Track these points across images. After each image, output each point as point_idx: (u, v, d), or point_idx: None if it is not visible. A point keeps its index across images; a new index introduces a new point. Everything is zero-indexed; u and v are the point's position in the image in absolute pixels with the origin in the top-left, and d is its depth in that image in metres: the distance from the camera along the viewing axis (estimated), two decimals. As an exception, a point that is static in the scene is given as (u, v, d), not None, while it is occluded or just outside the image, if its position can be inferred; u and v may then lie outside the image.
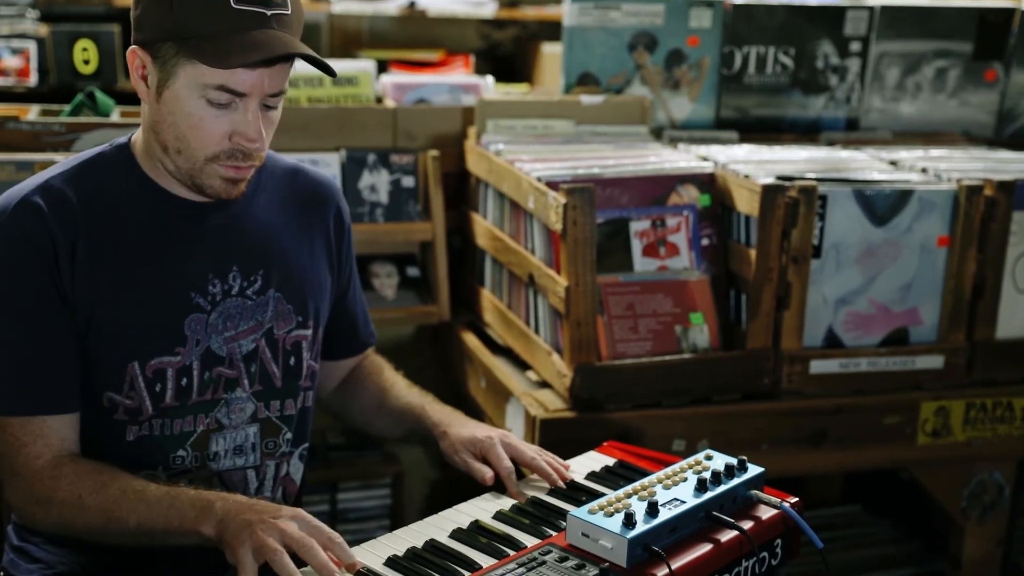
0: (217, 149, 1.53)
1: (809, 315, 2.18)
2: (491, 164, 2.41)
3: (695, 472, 1.60)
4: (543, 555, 1.45)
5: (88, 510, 1.50)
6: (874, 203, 2.20)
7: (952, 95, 2.90)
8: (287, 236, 1.73)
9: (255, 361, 1.69)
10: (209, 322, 1.64)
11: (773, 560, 1.60)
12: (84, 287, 1.56)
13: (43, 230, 1.53)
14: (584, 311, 2.04)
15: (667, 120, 2.74)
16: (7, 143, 2.38)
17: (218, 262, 1.65)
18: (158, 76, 1.52)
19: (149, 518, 1.46)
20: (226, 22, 1.47)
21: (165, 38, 1.49)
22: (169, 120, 1.53)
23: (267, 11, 1.49)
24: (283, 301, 1.71)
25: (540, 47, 4.51)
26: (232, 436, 1.69)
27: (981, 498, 2.37)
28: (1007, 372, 2.33)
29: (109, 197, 1.60)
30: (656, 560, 1.42)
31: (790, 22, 2.75)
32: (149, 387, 1.60)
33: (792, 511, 1.58)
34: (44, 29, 4.07)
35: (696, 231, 2.22)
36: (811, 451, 2.20)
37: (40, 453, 1.54)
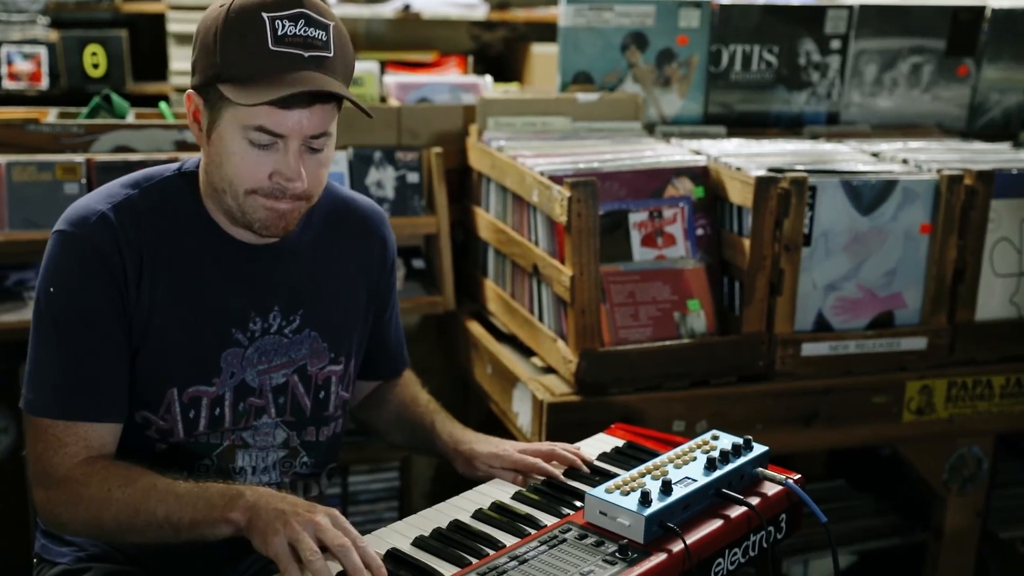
0: (257, 185, 1.51)
1: (800, 300, 2.19)
2: (494, 160, 2.41)
3: (703, 452, 1.60)
4: (563, 533, 1.46)
5: (116, 503, 1.46)
6: (860, 193, 2.20)
7: (926, 90, 2.91)
8: (330, 276, 1.70)
9: (284, 393, 1.66)
10: (245, 356, 1.62)
11: (778, 534, 1.61)
12: (142, 306, 1.55)
13: (115, 247, 1.53)
14: (588, 299, 2.04)
15: (658, 116, 2.74)
16: (28, 144, 2.36)
17: (261, 301, 1.63)
18: (208, 118, 1.51)
19: (177, 509, 1.43)
20: (264, 64, 1.45)
21: (213, 81, 1.48)
22: (216, 161, 1.52)
23: (304, 53, 1.46)
24: (319, 340, 1.68)
25: (530, 47, 4.50)
26: (260, 455, 1.67)
27: (961, 471, 2.39)
28: (986, 352, 2.34)
29: (171, 225, 1.58)
30: (671, 536, 1.43)
31: (774, 21, 2.76)
32: (183, 413, 1.59)
33: (796, 487, 1.59)
34: (54, 35, 4.05)
35: (691, 222, 2.22)
36: (803, 430, 2.21)
37: (77, 454, 1.52)
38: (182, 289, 1.57)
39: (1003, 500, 2.81)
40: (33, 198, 2.32)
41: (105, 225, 1.53)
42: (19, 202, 2.32)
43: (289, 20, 1.45)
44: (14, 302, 2.35)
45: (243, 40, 1.45)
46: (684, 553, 1.41)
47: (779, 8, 2.77)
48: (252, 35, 1.44)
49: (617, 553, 1.40)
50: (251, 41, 1.45)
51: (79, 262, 1.52)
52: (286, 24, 1.45)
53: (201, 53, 1.49)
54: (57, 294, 1.53)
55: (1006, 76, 2.95)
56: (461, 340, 2.57)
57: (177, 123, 2.51)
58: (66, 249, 1.53)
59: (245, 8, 1.45)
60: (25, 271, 2.39)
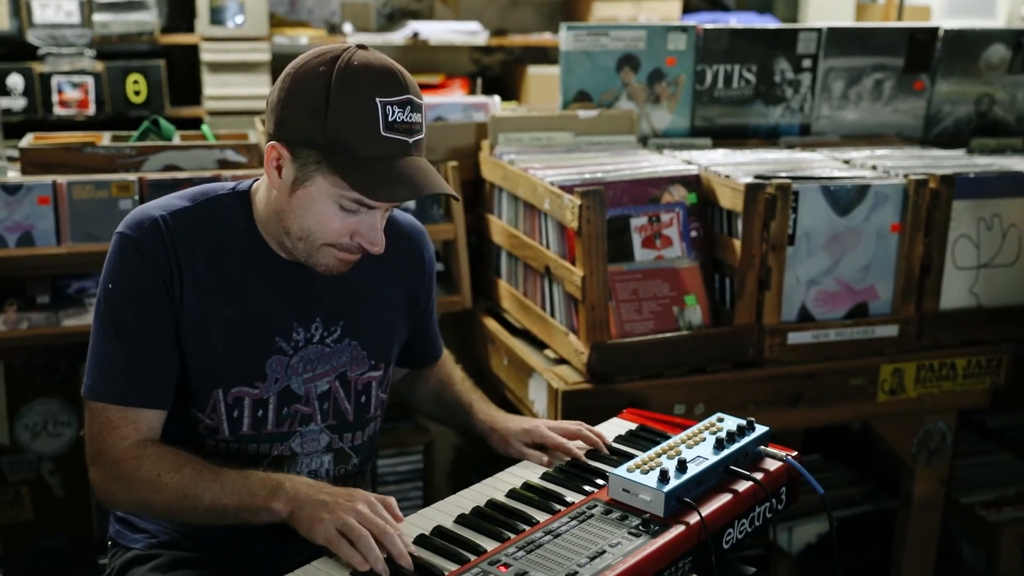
0: (337, 241, 1.48)
1: (785, 294, 2.18)
2: (506, 172, 2.40)
3: (712, 433, 1.60)
4: (590, 509, 1.45)
5: (166, 488, 1.45)
6: (838, 197, 2.20)
7: (887, 103, 2.91)
8: (369, 289, 1.66)
9: (328, 399, 1.63)
10: (290, 364, 1.58)
11: (779, 505, 1.61)
12: (188, 308, 1.52)
13: (168, 250, 1.50)
14: (598, 296, 2.04)
15: (650, 130, 2.73)
16: (85, 165, 2.35)
17: (304, 312, 1.59)
18: (295, 175, 1.45)
19: (222, 496, 1.42)
20: (374, 148, 1.40)
21: (311, 146, 1.42)
22: (298, 213, 1.47)
23: (409, 139, 1.43)
24: (359, 348, 1.65)
25: (526, 69, 4.52)
26: (306, 462, 1.64)
27: (928, 444, 2.40)
28: (950, 337, 2.34)
29: (222, 238, 1.55)
30: (688, 509, 1.43)
31: (752, 43, 2.75)
32: (228, 412, 1.56)
33: (796, 463, 1.60)
34: (100, 65, 4.04)
35: (686, 225, 2.21)
36: (790, 410, 2.21)
37: (128, 435, 1.49)
38: (227, 296, 1.54)
39: (963, 469, 2.82)
40: (91, 214, 2.31)
41: (157, 230, 1.50)
42: (79, 217, 2.30)
43: (399, 107, 1.41)
44: (76, 308, 2.33)
45: (354, 120, 1.39)
46: (700, 525, 1.42)
47: (756, 31, 2.77)
48: (364, 118, 1.39)
49: (640, 526, 1.40)
50: (363, 124, 1.39)
51: (133, 262, 1.50)
52: (396, 110, 1.40)
53: (298, 113, 1.42)
54: (114, 290, 1.51)
55: (957, 90, 2.96)
56: (477, 335, 2.56)
57: (218, 144, 2.50)
58: (123, 250, 1.51)
59: (356, 84, 1.39)
60: (85, 280, 2.38)
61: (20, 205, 2.28)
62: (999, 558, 2.58)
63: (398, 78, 1.42)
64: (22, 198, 2.28)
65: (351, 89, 1.39)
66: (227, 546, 1.61)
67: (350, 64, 1.40)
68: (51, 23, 4.09)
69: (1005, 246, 2.39)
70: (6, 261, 2.27)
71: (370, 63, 1.41)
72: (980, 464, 2.90)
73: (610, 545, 1.34)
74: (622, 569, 1.29)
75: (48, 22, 4.10)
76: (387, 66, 1.43)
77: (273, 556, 1.54)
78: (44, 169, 2.35)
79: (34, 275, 2.36)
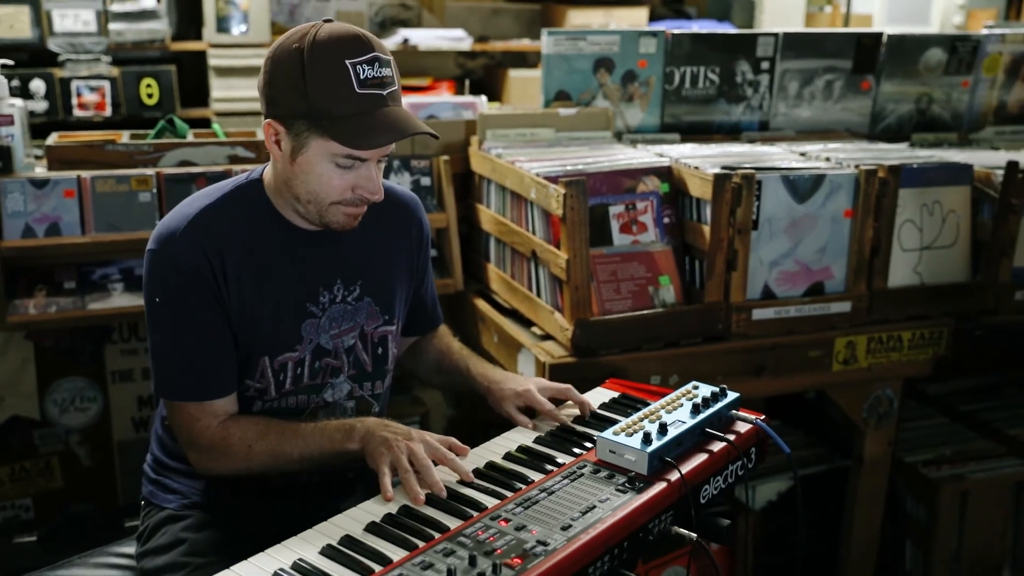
0: (341, 198, 1.50)
1: (750, 275, 2.18)
2: (494, 165, 2.39)
3: (688, 399, 1.60)
4: (580, 469, 1.45)
5: (259, 454, 1.50)
6: (797, 185, 2.21)
7: (837, 101, 2.92)
8: (378, 252, 1.69)
9: (353, 352, 1.66)
10: (320, 324, 1.61)
11: (749, 463, 1.61)
12: (233, 298, 1.53)
13: (202, 256, 1.50)
14: (581, 277, 2.03)
15: (624, 126, 2.72)
16: (107, 161, 2.32)
17: (326, 277, 1.62)
18: (292, 145, 1.48)
19: (307, 448, 1.49)
20: (352, 105, 1.42)
21: (299, 116, 1.44)
22: (302, 179, 1.49)
23: (383, 91, 1.44)
24: (373, 304, 1.67)
25: (507, 72, 4.50)
26: (335, 410, 1.67)
27: (877, 409, 2.41)
28: (897, 312, 2.35)
29: (245, 227, 1.56)
30: (669, 468, 1.43)
31: (716, 47, 2.75)
32: (275, 376, 1.59)
33: (764, 425, 1.60)
34: (116, 71, 4.00)
35: (659, 212, 2.21)
36: (755, 379, 2.22)
37: (210, 424, 1.53)
38: (262, 277, 1.55)
39: (908, 431, 2.84)
40: (113, 206, 2.28)
41: (186, 240, 1.50)
42: (102, 209, 2.27)
43: (367, 64, 1.42)
44: (100, 293, 2.31)
45: (329, 85, 1.41)
46: (680, 482, 1.42)
47: (719, 36, 2.77)
48: (337, 80, 1.41)
49: (627, 483, 1.40)
50: (338, 86, 1.41)
51: (171, 275, 1.51)
52: (365, 68, 1.42)
53: (283, 91, 1.45)
54: (161, 303, 1.52)
55: (899, 89, 2.96)
56: (469, 315, 2.55)
57: (229, 141, 2.47)
58: (157, 266, 1.52)
59: (325, 54, 1.41)
60: (108, 267, 2.35)
61: (47, 198, 2.25)
62: (938, 511, 2.60)
63: (362, 40, 1.44)
64: (49, 192, 2.25)
65: (322, 58, 1.42)
66: (253, 506, 1.61)
67: (318, 37, 1.43)
68: (70, 32, 4.05)
69: (945, 230, 2.40)
70: (35, 250, 2.25)
71: (335, 32, 1.44)
72: (922, 427, 2.92)
73: (600, 500, 1.34)
74: (612, 522, 1.29)
75: (67, 31, 4.05)
76: (351, 32, 1.45)
77: (295, 515, 1.54)
78: (68, 165, 2.32)
79: (61, 263, 2.33)
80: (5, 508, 2.47)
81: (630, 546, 1.31)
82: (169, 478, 1.66)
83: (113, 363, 2.47)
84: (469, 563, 1.18)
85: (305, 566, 1.22)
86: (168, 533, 1.59)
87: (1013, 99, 3.08)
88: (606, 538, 1.26)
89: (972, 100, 3.04)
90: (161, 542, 1.59)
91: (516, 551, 1.20)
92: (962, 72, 2.99)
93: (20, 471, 2.47)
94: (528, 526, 1.27)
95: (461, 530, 1.27)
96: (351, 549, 1.25)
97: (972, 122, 3.06)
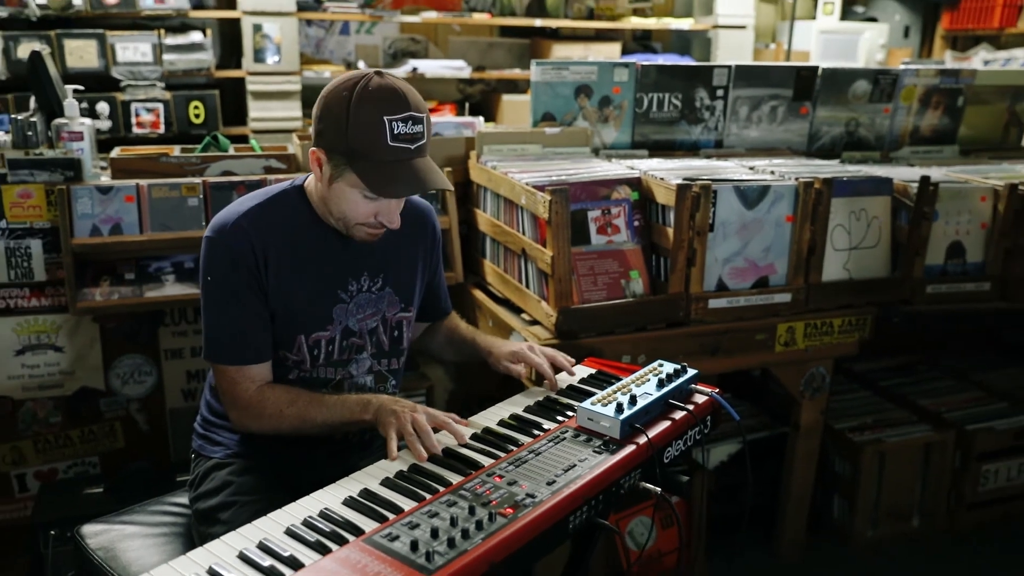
0: (365, 221, 1.51)
1: (707, 270, 2.18)
2: (490, 175, 2.37)
3: (655, 375, 1.60)
4: (562, 434, 1.45)
5: (288, 417, 1.50)
6: (746, 195, 2.20)
7: (780, 123, 2.91)
8: (398, 250, 1.69)
9: (375, 334, 1.66)
10: (348, 309, 1.62)
11: (705, 429, 1.62)
12: (273, 283, 1.53)
13: (248, 244, 1.51)
14: (563, 271, 2.02)
15: (600, 143, 2.71)
16: (161, 171, 2.31)
17: (355, 270, 1.62)
18: (330, 173, 1.48)
19: (330, 415, 1.49)
20: (384, 154, 1.42)
21: (339, 152, 1.45)
22: (335, 200, 1.51)
23: (412, 146, 1.44)
24: (394, 294, 1.68)
25: (501, 97, 4.48)
26: (357, 382, 1.67)
27: (812, 384, 2.42)
28: (828, 302, 2.35)
29: (288, 225, 1.56)
30: (638, 433, 1.43)
31: (678, 77, 2.74)
32: (310, 350, 1.60)
33: (719, 397, 1.60)
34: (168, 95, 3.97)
35: (631, 216, 2.20)
36: (710, 358, 2.22)
37: (248, 388, 1.53)
38: (299, 267, 1.56)
39: (837, 403, 2.85)
40: (166, 209, 2.26)
41: (238, 230, 1.51)
42: (157, 212, 2.26)
43: (401, 122, 1.41)
44: (155, 283, 2.29)
45: (367, 133, 1.41)
46: (647, 444, 1.42)
47: (681, 67, 2.76)
48: (375, 131, 1.41)
49: (602, 446, 1.40)
50: (374, 136, 1.41)
51: (222, 258, 1.51)
52: (399, 125, 1.41)
53: (329, 128, 1.45)
54: (213, 281, 1.52)
55: (832, 115, 2.96)
56: (467, 303, 2.54)
57: (264, 154, 2.45)
58: (213, 250, 1.52)
59: (368, 106, 1.41)
60: (162, 261, 2.34)
61: (111, 202, 2.23)
62: (861, 468, 2.61)
63: (403, 98, 1.43)
64: (112, 197, 2.23)
65: (365, 109, 1.41)
66: (288, 457, 1.61)
67: (366, 89, 1.42)
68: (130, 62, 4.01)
69: (869, 233, 2.41)
70: (101, 247, 2.23)
71: (381, 87, 1.42)
72: (849, 399, 2.93)
73: (579, 460, 1.34)
74: (589, 478, 1.29)
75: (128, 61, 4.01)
76: (395, 88, 1.43)
77: (325, 466, 1.55)
78: (129, 174, 2.30)
79: (122, 257, 2.31)
80: (76, 464, 2.46)
81: (604, 499, 1.31)
82: (216, 433, 1.66)
83: (166, 343, 2.46)
84: (469, 512, 1.18)
85: (331, 514, 1.21)
86: (216, 479, 1.59)
87: (925, 124, 3.09)
88: (584, 492, 1.26)
89: (892, 124, 3.04)
90: (211, 486, 1.59)
91: (508, 502, 1.20)
92: (884, 100, 2.99)
93: (88, 433, 2.45)
94: (519, 481, 1.27)
95: (461, 485, 1.26)
96: (369, 500, 1.24)
97: (892, 143, 3.07)
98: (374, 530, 1.13)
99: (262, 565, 1.07)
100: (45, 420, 2.40)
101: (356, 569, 1.04)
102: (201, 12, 4.23)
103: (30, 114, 2.36)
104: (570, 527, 1.24)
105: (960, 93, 3.08)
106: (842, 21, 5.28)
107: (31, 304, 2.29)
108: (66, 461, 2.45)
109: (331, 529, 1.15)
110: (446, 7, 4.63)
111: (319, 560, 1.07)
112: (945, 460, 2.70)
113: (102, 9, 3.99)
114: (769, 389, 2.91)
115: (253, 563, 1.08)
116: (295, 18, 4.30)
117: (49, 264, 2.26)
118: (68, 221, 2.19)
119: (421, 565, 1.04)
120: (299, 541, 1.13)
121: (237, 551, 1.11)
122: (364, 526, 1.16)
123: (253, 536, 1.14)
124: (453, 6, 4.66)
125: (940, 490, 2.72)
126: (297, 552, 1.10)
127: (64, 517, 2.09)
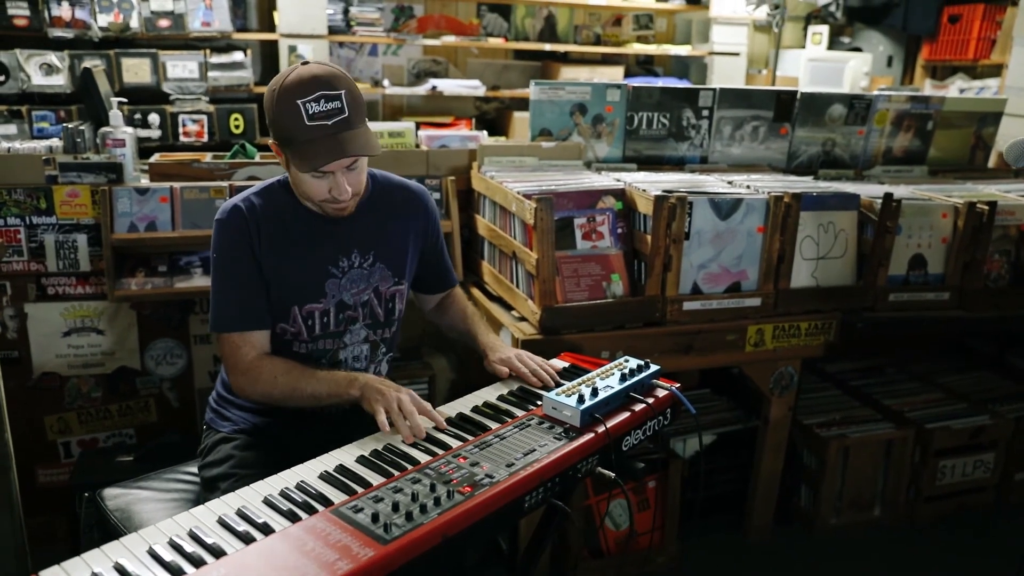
0: (323, 198, 1.52)
1: (682, 275, 2.16)
2: (488, 184, 2.37)
3: (619, 369, 1.58)
4: (528, 421, 1.44)
5: (280, 385, 1.50)
6: (720, 206, 2.18)
7: (761, 142, 2.88)
8: (389, 228, 1.68)
9: (368, 306, 1.66)
10: (342, 284, 1.62)
11: (665, 421, 1.59)
12: (268, 259, 1.55)
13: (246, 224, 1.53)
14: (547, 273, 2.01)
15: (593, 157, 2.70)
16: (194, 176, 2.32)
17: (345, 248, 1.62)
18: (285, 160, 1.51)
19: (318, 388, 1.48)
20: (304, 134, 1.42)
21: (279, 140, 1.48)
22: (296, 184, 1.54)
23: (328, 122, 1.42)
24: (385, 269, 1.67)
25: (512, 114, 4.46)
26: (353, 351, 1.67)
27: (781, 382, 2.38)
28: (796, 307, 2.32)
29: (279, 210, 1.58)
30: (597, 422, 1.41)
31: (666, 97, 2.71)
32: (304, 321, 1.60)
33: (677, 392, 1.57)
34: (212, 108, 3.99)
35: (614, 224, 2.18)
36: (684, 356, 2.19)
37: (248, 353, 1.54)
38: (292, 246, 1.57)
39: (805, 400, 2.81)
40: (196, 209, 2.28)
41: (240, 213, 1.54)
42: (188, 212, 2.28)
43: (313, 102, 1.41)
44: (185, 275, 2.31)
45: (289, 119, 1.42)
46: (605, 433, 1.40)
47: (670, 89, 2.73)
48: (293, 116, 1.41)
49: (563, 433, 1.38)
50: (294, 121, 1.42)
51: (227, 236, 1.54)
52: (312, 105, 1.41)
53: (270, 122, 1.48)
54: (218, 257, 1.55)
55: (810, 135, 2.92)
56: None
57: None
58: (221, 230, 1.55)
59: (286, 94, 1.42)
60: (191, 255, 2.35)
61: (148, 202, 2.25)
62: (826, 461, 2.57)
63: (316, 80, 1.42)
64: (149, 198, 2.25)
65: (283, 98, 1.42)
66: (284, 435, 1.61)
67: (285, 80, 1.43)
68: (179, 78, 4.06)
69: (836, 244, 2.37)
70: (138, 242, 2.25)
71: (299, 75, 1.43)
72: (819, 397, 2.88)
73: (539, 445, 1.33)
74: (547, 462, 1.27)
75: (177, 77, 4.06)
76: (311, 73, 1.43)
77: (325, 440, 1.55)
78: (165, 178, 2.32)
79: (156, 251, 2.33)
80: (114, 435, 2.49)
81: (561, 481, 1.29)
82: (226, 409, 1.68)
83: (195, 329, 2.48)
84: (430, 489, 1.17)
85: (306, 487, 1.21)
86: (222, 451, 1.60)
87: (897, 145, 3.03)
88: (541, 474, 1.24)
89: (866, 145, 2.99)
90: (216, 457, 1.60)
91: (468, 481, 1.19)
92: (858, 123, 2.93)
93: (125, 408, 2.48)
94: (481, 463, 1.26)
95: (428, 464, 1.25)
96: (342, 475, 1.24)
97: (866, 162, 3.01)
98: (342, 502, 1.13)
99: (237, 530, 1.07)
100: (88, 395, 2.43)
101: (320, 536, 1.03)
102: (243, 34, 4.27)
103: (80, 123, 2.39)
104: (525, 506, 1.22)
105: (930, 118, 3.02)
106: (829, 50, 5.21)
107: (77, 292, 2.32)
108: (106, 432, 2.48)
109: (303, 500, 1.15)
110: (465, 32, 4.63)
111: (288, 527, 1.07)
112: (905, 455, 2.64)
113: (155, 31, 4.05)
114: (744, 385, 2.88)
115: (230, 528, 1.08)
116: (327, 40, 4.32)
117: (93, 256, 2.29)
118: (109, 218, 2.22)
119: (379, 535, 1.04)
120: (274, 509, 1.13)
121: (218, 516, 1.11)
122: (334, 498, 1.16)
123: (234, 503, 1.14)
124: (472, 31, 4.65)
125: (900, 483, 2.66)
126: (271, 519, 1.10)
127: (96, 481, 2.11)
